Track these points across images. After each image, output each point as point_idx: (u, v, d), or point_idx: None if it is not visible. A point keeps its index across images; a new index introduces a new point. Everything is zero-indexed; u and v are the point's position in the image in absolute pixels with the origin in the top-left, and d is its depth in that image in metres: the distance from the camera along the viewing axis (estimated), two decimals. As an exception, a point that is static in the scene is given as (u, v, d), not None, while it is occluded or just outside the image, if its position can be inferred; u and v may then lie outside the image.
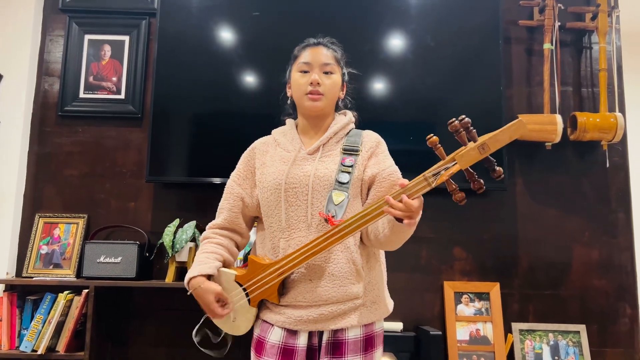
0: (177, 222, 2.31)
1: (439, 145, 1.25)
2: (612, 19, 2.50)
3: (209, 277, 1.44)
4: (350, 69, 1.62)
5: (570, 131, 2.45)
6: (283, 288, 1.43)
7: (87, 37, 2.60)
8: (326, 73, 1.51)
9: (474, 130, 1.22)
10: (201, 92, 2.44)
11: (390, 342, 2.23)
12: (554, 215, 2.48)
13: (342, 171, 1.47)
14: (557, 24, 2.49)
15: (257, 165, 1.54)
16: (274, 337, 1.42)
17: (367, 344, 1.47)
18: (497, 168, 1.22)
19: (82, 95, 2.56)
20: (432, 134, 1.24)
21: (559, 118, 2.38)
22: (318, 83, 1.49)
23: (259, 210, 1.53)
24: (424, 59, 2.46)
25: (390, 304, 1.58)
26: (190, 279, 1.43)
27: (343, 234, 1.35)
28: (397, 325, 2.30)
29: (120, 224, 2.46)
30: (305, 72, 1.51)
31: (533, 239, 2.47)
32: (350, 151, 1.51)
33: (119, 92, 2.55)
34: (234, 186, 1.55)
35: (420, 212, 1.32)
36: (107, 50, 2.59)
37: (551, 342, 2.34)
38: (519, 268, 2.45)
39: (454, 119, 1.22)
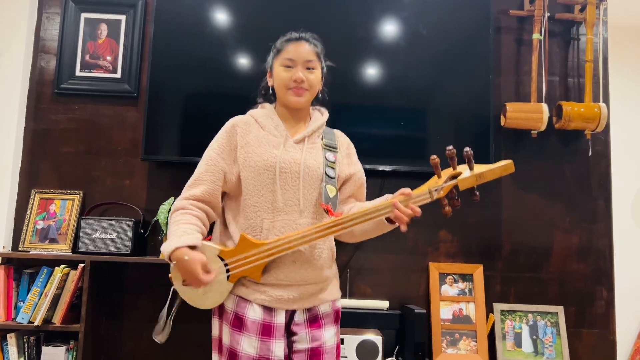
0: (171, 200, 2.36)
1: (439, 166, 1.46)
2: (600, 11, 2.56)
3: (192, 248, 1.46)
4: (328, 61, 1.70)
5: (555, 120, 2.52)
6: (265, 267, 1.50)
7: (84, 15, 2.61)
8: (309, 69, 1.59)
9: (473, 162, 1.45)
10: (197, 73, 2.47)
11: (377, 319, 2.32)
12: (537, 201, 2.56)
13: (328, 166, 1.58)
14: (547, 14, 2.54)
15: (240, 143, 1.57)
16: (254, 313, 1.49)
17: (336, 317, 1.62)
18: (477, 193, 1.48)
19: (78, 73, 2.58)
20: (435, 156, 1.43)
21: (545, 107, 2.45)
22: (302, 80, 1.57)
23: (234, 188, 1.57)
24: (416, 47, 2.51)
25: None
26: (175, 249, 1.43)
27: (344, 227, 1.46)
28: (383, 304, 2.38)
29: (116, 201, 2.51)
30: (289, 67, 1.58)
31: (516, 224, 2.55)
32: (331, 148, 1.63)
33: (115, 71, 2.58)
34: (218, 159, 1.56)
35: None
36: (104, 29, 2.61)
37: (530, 322, 2.43)
38: (502, 251, 2.54)
39: (452, 147, 1.44)
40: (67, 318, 2.24)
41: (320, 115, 1.69)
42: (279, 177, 1.52)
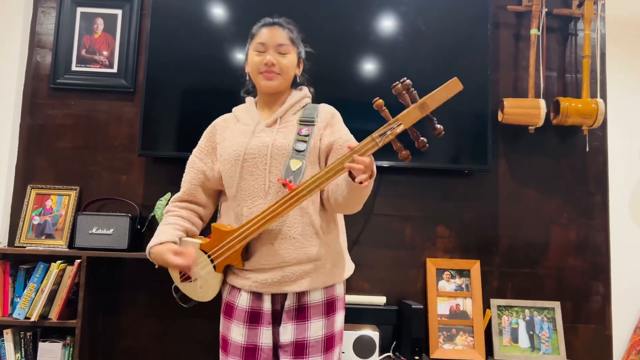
0: (168, 196, 2.36)
1: (385, 108, 1.33)
2: (597, 7, 2.56)
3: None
4: (308, 47, 1.68)
5: (553, 115, 2.52)
6: (246, 253, 1.51)
7: (80, 9, 2.60)
8: (281, 53, 1.58)
9: (415, 92, 1.32)
10: (193, 68, 2.46)
11: (374, 315, 2.32)
12: (534, 196, 2.57)
13: (299, 140, 1.54)
14: (545, 10, 2.54)
15: (218, 141, 1.62)
16: (242, 301, 1.51)
17: (329, 307, 1.56)
18: (438, 126, 1.33)
19: (74, 68, 2.57)
20: (377, 98, 1.33)
21: (542, 103, 2.44)
22: (273, 64, 1.56)
23: (221, 184, 1.61)
24: (414, 42, 2.51)
25: (350, 268, 1.68)
26: (150, 249, 1.51)
27: (299, 197, 1.42)
28: (381, 299, 2.38)
29: (112, 197, 2.50)
30: (261, 51, 1.58)
31: (513, 219, 2.56)
32: (306, 122, 1.59)
33: (111, 66, 2.57)
34: (196, 161, 1.64)
35: (375, 171, 1.39)
36: (100, 23, 2.59)
37: (527, 318, 2.44)
38: (499, 247, 2.54)
39: (396, 82, 1.31)
40: (64, 314, 2.24)
41: (298, 92, 1.65)
42: (247, 164, 1.52)
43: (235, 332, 1.49)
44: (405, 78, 1.30)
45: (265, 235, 1.49)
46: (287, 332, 1.50)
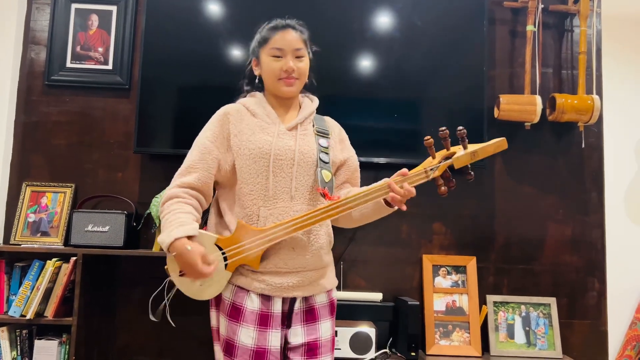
0: (164, 192, 2.35)
1: (433, 147, 1.49)
2: (593, 3, 2.56)
3: (190, 238, 1.43)
4: (314, 47, 1.68)
5: (549, 112, 2.53)
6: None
7: (74, 5, 2.58)
8: (298, 57, 1.58)
9: (467, 141, 1.50)
10: (189, 65, 2.45)
11: (370, 311, 2.32)
12: (531, 193, 2.57)
13: (322, 151, 1.57)
14: (541, 6, 2.54)
15: (233, 132, 1.55)
16: (252, 303, 1.48)
17: (331, 308, 1.61)
18: (472, 172, 1.52)
19: (69, 64, 2.56)
20: (429, 137, 1.47)
21: (538, 99, 2.45)
22: (293, 70, 1.56)
23: (227, 177, 1.55)
24: (410, 38, 2.50)
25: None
26: (175, 239, 1.41)
27: (341, 210, 1.46)
28: (377, 296, 2.39)
29: (108, 194, 2.49)
30: (278, 57, 1.56)
31: (509, 216, 2.56)
32: (323, 134, 1.62)
33: (106, 63, 2.56)
34: (212, 147, 1.54)
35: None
36: (95, 20, 2.58)
37: (523, 314, 2.45)
38: (495, 243, 2.55)
39: (446, 129, 1.46)
40: (60, 311, 2.23)
41: (310, 102, 1.68)
42: (274, 164, 1.51)
43: (244, 335, 1.45)
44: (462, 128, 1.46)
45: (287, 239, 1.48)
46: (298, 334, 1.52)
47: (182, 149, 2.43)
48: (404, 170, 1.47)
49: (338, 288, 2.45)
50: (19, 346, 2.24)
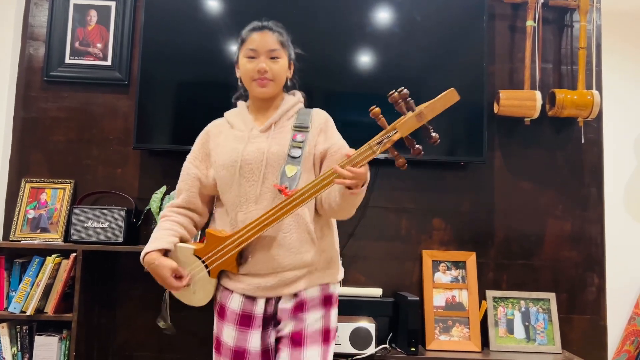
0: (164, 189, 2.35)
1: (381, 116, 1.35)
2: (593, -2, 2.56)
3: (166, 253, 1.53)
4: (297, 49, 1.67)
5: (548, 107, 2.52)
6: (241, 258, 1.52)
7: (73, 1, 2.57)
8: (273, 58, 1.57)
9: (412, 101, 1.33)
10: (188, 60, 2.44)
11: (370, 307, 2.33)
12: (530, 188, 2.57)
13: (294, 146, 1.54)
14: (541, 1, 2.53)
15: (212, 147, 1.62)
16: (234, 303, 1.52)
17: (326, 301, 1.57)
18: (433, 134, 1.35)
19: (67, 60, 2.55)
20: (374, 106, 1.34)
21: (538, 94, 2.44)
22: (266, 71, 1.55)
23: (215, 190, 1.61)
24: (409, 33, 2.49)
25: (341, 271, 1.67)
26: (145, 254, 1.52)
27: (295, 204, 1.43)
28: (377, 291, 2.39)
29: (108, 190, 2.49)
30: (252, 57, 1.57)
31: (509, 211, 2.56)
32: (301, 128, 1.59)
33: (105, 59, 2.55)
34: (191, 167, 1.63)
35: (368, 179, 1.41)
36: (93, 15, 2.57)
37: (522, 309, 2.45)
38: (494, 238, 2.55)
39: (393, 90, 1.32)
40: (60, 307, 2.23)
41: (292, 97, 1.65)
42: (243, 171, 1.52)
43: (226, 334, 1.51)
44: (403, 87, 1.32)
45: (261, 240, 1.49)
46: (286, 327, 1.51)
47: (181, 145, 2.44)
48: (349, 150, 1.40)
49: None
50: (19, 342, 2.24)
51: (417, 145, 1.34)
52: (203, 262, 1.52)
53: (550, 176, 2.58)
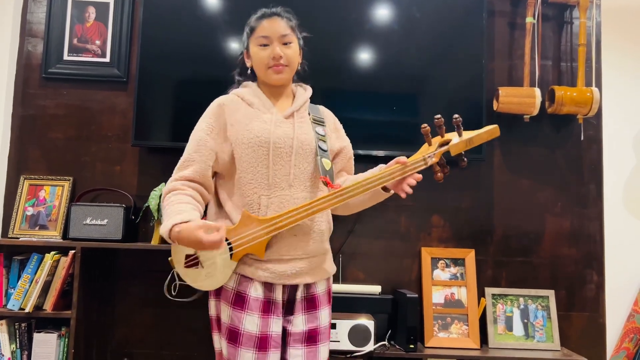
0: (162, 186, 2.35)
1: (430, 134, 1.53)
2: (593, -5, 2.55)
3: None
4: (304, 32, 1.67)
5: (548, 104, 2.52)
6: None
7: (71, -2, 2.57)
8: (285, 44, 1.56)
9: (462, 129, 1.54)
10: (187, 57, 2.44)
11: (369, 304, 2.33)
12: (529, 185, 2.57)
13: (320, 139, 1.57)
14: (540, -2, 2.53)
15: (230, 122, 1.56)
16: (255, 291, 1.49)
17: (329, 296, 1.64)
18: (465, 159, 1.58)
19: (66, 57, 2.54)
20: (426, 124, 1.52)
21: (537, 91, 2.44)
22: (280, 56, 1.55)
23: (226, 167, 1.55)
24: (409, 31, 2.49)
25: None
26: (172, 227, 1.38)
27: (344, 198, 1.48)
28: (376, 289, 2.39)
29: (106, 187, 2.49)
30: (265, 45, 1.56)
31: (508, 209, 2.56)
32: (320, 122, 1.62)
33: (103, 55, 2.54)
34: (207, 139, 1.54)
35: None
36: (92, 12, 2.56)
37: (521, 306, 2.45)
38: (493, 236, 2.55)
39: (440, 116, 1.51)
40: (59, 304, 2.23)
41: (304, 91, 1.68)
42: (273, 153, 1.50)
43: (248, 322, 1.46)
44: (458, 116, 1.52)
45: (290, 227, 1.49)
46: (299, 322, 1.53)
47: (180, 142, 2.42)
48: (402, 158, 1.50)
49: (337, 281, 2.45)
50: (18, 339, 2.24)
51: (447, 166, 1.55)
52: (228, 243, 1.47)
53: (549, 173, 2.57)
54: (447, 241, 2.54)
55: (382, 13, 2.49)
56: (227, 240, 1.47)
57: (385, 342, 2.30)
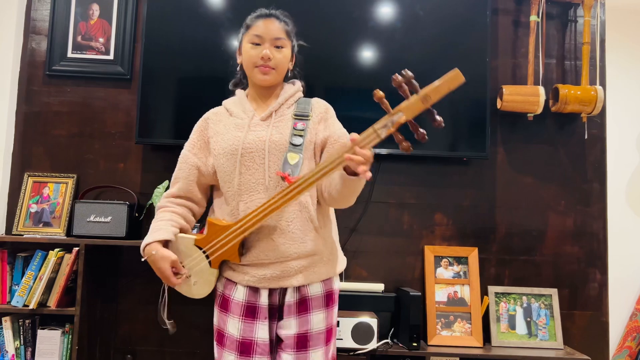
0: (166, 183, 2.35)
1: (385, 99, 1.32)
2: (597, -7, 2.54)
3: (166, 244, 1.51)
4: (300, 41, 1.66)
5: (551, 103, 2.51)
6: (243, 248, 1.50)
7: (75, -5, 2.57)
8: (277, 47, 1.56)
9: (417, 84, 1.30)
10: (191, 55, 2.44)
11: (372, 302, 2.33)
12: (532, 183, 2.57)
13: (295, 134, 1.54)
14: (544, -4, 2.52)
15: (211, 135, 1.59)
16: (238, 295, 1.51)
17: (328, 299, 1.57)
18: (438, 118, 1.32)
19: (70, 55, 2.55)
20: (377, 89, 1.31)
21: (541, 90, 2.43)
22: (269, 58, 1.54)
23: (214, 179, 1.59)
24: (412, 28, 2.49)
25: (343, 261, 1.67)
26: (146, 245, 1.50)
27: (299, 190, 1.41)
28: (379, 287, 2.39)
29: (110, 185, 2.49)
30: (257, 44, 1.55)
31: (511, 207, 2.56)
32: (301, 116, 1.58)
33: (107, 53, 2.55)
34: (189, 155, 1.61)
35: (371, 163, 1.35)
36: (96, 9, 2.57)
37: (524, 305, 2.45)
38: (497, 234, 2.55)
39: (396, 74, 1.29)
40: (62, 301, 2.24)
41: (292, 86, 1.64)
42: (244, 159, 1.51)
43: (231, 325, 1.49)
44: (407, 70, 1.29)
45: (264, 229, 1.48)
46: (289, 327, 1.51)
47: (183, 140, 2.40)
48: (353, 134, 1.34)
49: (340, 278, 2.45)
50: (22, 336, 2.25)
51: (421, 130, 1.31)
52: (204, 252, 1.51)
53: (552, 172, 2.57)
54: (450, 239, 2.54)
55: (386, 11, 2.49)
56: (201, 249, 1.51)
57: (388, 340, 2.30)
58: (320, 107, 1.62)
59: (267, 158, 1.50)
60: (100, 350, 2.41)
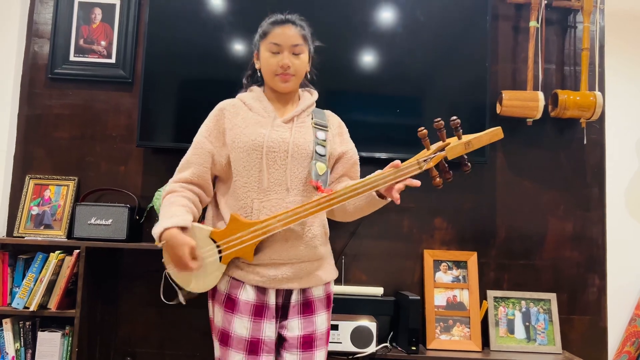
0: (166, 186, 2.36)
1: (427, 138, 1.46)
2: (597, -1, 2.56)
3: (182, 230, 1.46)
4: (316, 42, 1.68)
5: (551, 108, 2.53)
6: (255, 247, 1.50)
7: (77, -1, 2.59)
8: (295, 54, 1.58)
9: (461, 131, 1.47)
10: (192, 58, 2.45)
11: (371, 306, 2.34)
12: (532, 188, 2.58)
13: (318, 144, 1.57)
14: (544, 2, 2.53)
15: (228, 126, 1.58)
16: (247, 295, 1.49)
17: (328, 301, 1.62)
18: (468, 164, 1.48)
19: (72, 58, 2.56)
20: (422, 127, 1.45)
21: (541, 95, 2.45)
22: (289, 66, 1.56)
23: (224, 170, 1.58)
24: (413, 33, 2.50)
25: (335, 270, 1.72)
26: (165, 229, 1.44)
27: (333, 203, 1.45)
28: (378, 290, 2.39)
29: (111, 187, 2.50)
30: (275, 52, 1.57)
31: (510, 211, 2.57)
32: (321, 127, 1.62)
33: (109, 56, 2.56)
34: (205, 142, 1.58)
35: None
36: (98, 13, 2.58)
37: (523, 309, 2.46)
38: (496, 238, 2.55)
39: (441, 120, 1.44)
40: (63, 303, 2.24)
41: (310, 96, 1.68)
42: (268, 157, 1.51)
43: (238, 325, 1.48)
44: (456, 117, 1.43)
45: (281, 231, 1.48)
46: (294, 327, 1.52)
47: (184, 143, 2.41)
48: (397, 162, 1.44)
49: (339, 282, 2.46)
50: (22, 338, 2.26)
51: (449, 171, 1.45)
52: (217, 246, 1.48)
53: (552, 177, 2.58)
54: (449, 243, 2.55)
55: (386, 16, 2.50)
56: (215, 242, 1.49)
57: (387, 344, 2.31)
58: (336, 121, 1.69)
59: (290, 160, 1.52)
60: (100, 352, 2.41)
